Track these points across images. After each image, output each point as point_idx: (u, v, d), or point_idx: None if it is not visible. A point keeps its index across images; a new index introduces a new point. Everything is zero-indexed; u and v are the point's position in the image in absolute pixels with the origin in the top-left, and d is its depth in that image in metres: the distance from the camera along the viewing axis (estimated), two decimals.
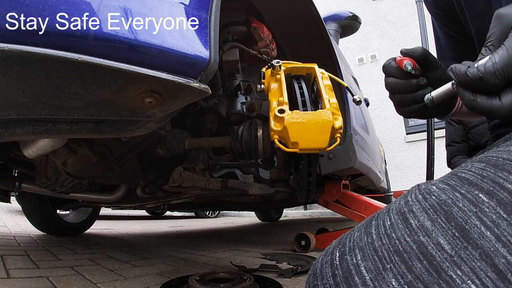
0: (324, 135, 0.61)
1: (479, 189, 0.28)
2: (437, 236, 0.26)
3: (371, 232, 0.30)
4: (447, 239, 0.25)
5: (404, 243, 0.26)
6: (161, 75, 0.46)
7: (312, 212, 5.65)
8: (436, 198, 0.29)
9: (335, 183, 1.79)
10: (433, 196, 0.29)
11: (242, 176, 1.12)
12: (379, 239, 0.28)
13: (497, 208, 0.26)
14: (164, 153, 0.93)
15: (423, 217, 0.27)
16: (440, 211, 0.27)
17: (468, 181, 0.29)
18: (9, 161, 1.18)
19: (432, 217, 0.27)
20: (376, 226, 0.30)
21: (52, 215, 1.89)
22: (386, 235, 0.28)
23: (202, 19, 0.53)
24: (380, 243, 0.28)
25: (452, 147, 2.31)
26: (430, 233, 0.26)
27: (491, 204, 0.26)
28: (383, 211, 0.32)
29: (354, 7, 5.36)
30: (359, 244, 0.29)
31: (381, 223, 0.30)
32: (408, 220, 0.28)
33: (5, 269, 1.02)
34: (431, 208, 0.28)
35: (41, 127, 0.57)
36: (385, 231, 0.29)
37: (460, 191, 0.28)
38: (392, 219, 0.29)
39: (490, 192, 0.27)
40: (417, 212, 0.28)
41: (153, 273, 1.12)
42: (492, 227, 0.25)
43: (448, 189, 0.29)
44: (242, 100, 0.90)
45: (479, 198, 0.27)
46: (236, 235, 2.76)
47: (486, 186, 0.28)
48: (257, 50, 0.98)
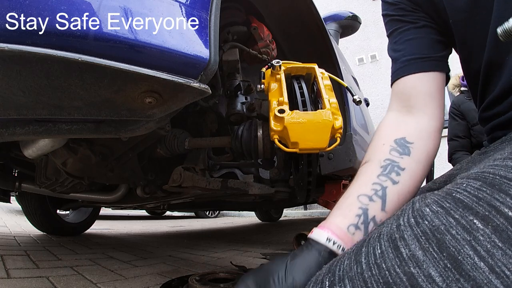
0: (324, 135, 0.61)
1: (474, 214, 0.26)
2: (428, 268, 0.25)
3: (361, 261, 0.29)
4: (438, 271, 0.24)
5: (394, 275, 0.26)
6: (161, 75, 0.46)
7: (312, 212, 5.65)
8: (428, 224, 0.27)
9: (335, 183, 1.79)
10: (426, 221, 0.28)
11: (242, 176, 1.12)
12: (369, 269, 0.27)
13: (492, 236, 0.25)
14: (164, 153, 0.93)
15: (414, 246, 0.26)
16: (432, 239, 0.26)
17: (463, 204, 0.28)
18: (9, 161, 1.18)
19: (424, 246, 0.26)
20: (366, 254, 0.29)
21: (52, 215, 1.89)
22: (376, 265, 0.27)
23: (202, 19, 0.53)
24: (369, 274, 0.27)
25: (454, 142, 2.29)
26: (421, 264, 0.25)
27: (486, 232, 0.25)
28: (373, 236, 0.31)
29: (354, 7, 5.36)
30: (348, 274, 0.29)
31: (371, 250, 0.29)
32: (399, 248, 0.27)
33: (5, 269, 1.02)
34: (423, 236, 0.27)
35: (41, 127, 0.57)
36: (375, 260, 0.28)
37: (454, 216, 0.27)
38: (383, 247, 0.28)
39: (486, 218, 0.26)
40: (408, 239, 0.27)
41: (153, 273, 1.12)
42: (486, 258, 0.24)
43: (442, 213, 0.28)
44: (242, 100, 0.90)
45: (474, 224, 0.26)
46: (236, 235, 2.76)
47: (482, 211, 0.26)
48: (257, 50, 0.98)
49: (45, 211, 1.84)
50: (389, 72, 0.59)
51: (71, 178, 0.98)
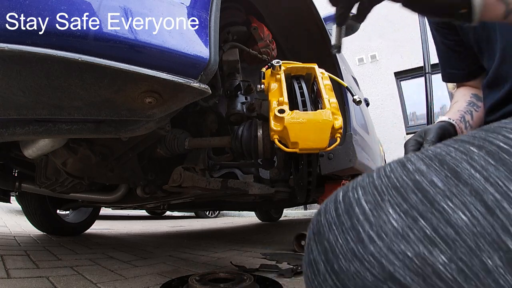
0: (324, 135, 0.61)
1: (470, 144, 0.31)
2: (431, 176, 0.29)
3: (373, 175, 0.33)
4: (440, 178, 0.28)
5: (401, 180, 0.30)
6: (161, 75, 0.46)
7: (312, 212, 5.65)
8: (432, 152, 0.32)
9: (335, 183, 1.79)
10: (430, 151, 0.33)
11: (242, 176, 1.12)
12: (379, 178, 0.32)
13: (485, 156, 0.29)
14: (164, 153, 0.93)
15: (419, 164, 0.31)
16: (434, 159, 0.31)
17: (461, 140, 0.32)
18: (9, 161, 1.18)
19: (427, 163, 0.30)
20: (377, 171, 0.34)
21: (52, 215, 1.89)
22: (386, 176, 0.32)
23: (202, 19, 0.53)
24: (380, 182, 0.31)
25: None
26: (425, 174, 0.29)
27: (481, 154, 0.29)
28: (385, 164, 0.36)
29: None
30: (360, 183, 0.33)
31: (382, 170, 0.33)
32: (406, 165, 0.31)
33: (5, 269, 1.02)
34: (427, 158, 0.31)
35: (41, 127, 0.57)
36: (385, 173, 0.32)
37: (453, 146, 0.32)
38: (392, 166, 0.33)
39: (480, 146, 0.30)
40: (414, 160, 0.32)
41: (153, 273, 1.12)
42: (481, 170, 0.27)
43: (442, 146, 0.33)
44: (242, 100, 0.90)
45: (470, 150, 0.30)
46: (236, 235, 2.76)
47: (477, 142, 0.31)
48: (257, 50, 0.98)
49: (45, 211, 1.84)
50: (389, 72, 0.61)
51: (71, 178, 0.98)
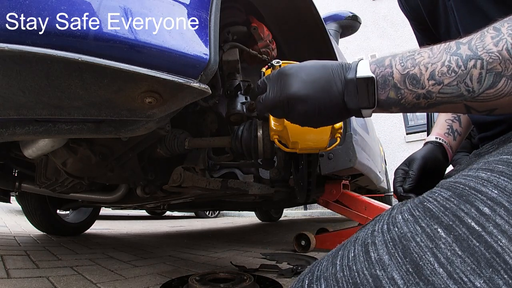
0: (324, 135, 0.61)
1: (439, 223, 0.28)
2: (392, 271, 0.27)
3: (336, 263, 0.32)
4: (400, 274, 0.27)
5: (362, 276, 0.28)
6: (161, 75, 0.46)
7: (312, 212, 5.65)
8: (398, 231, 0.30)
9: (335, 183, 1.79)
10: (396, 228, 0.30)
11: (242, 176, 1.12)
12: (341, 270, 0.30)
13: (453, 244, 0.26)
14: (164, 153, 0.93)
15: (382, 250, 0.29)
16: (398, 245, 0.29)
17: (430, 213, 0.30)
18: (9, 161, 1.18)
19: (391, 251, 0.29)
20: (341, 257, 0.32)
21: (52, 215, 1.89)
22: (348, 267, 0.30)
23: (202, 19, 0.53)
24: (341, 275, 0.30)
25: None
26: (386, 267, 0.28)
27: (448, 240, 0.27)
28: (351, 240, 0.34)
29: (354, 7, 5.36)
30: (324, 274, 0.32)
31: (346, 253, 0.32)
32: (369, 252, 0.30)
33: (5, 269, 1.02)
34: (391, 241, 0.29)
35: (41, 127, 0.57)
36: (348, 262, 0.31)
37: (421, 224, 0.29)
38: (356, 251, 0.31)
39: (449, 227, 0.28)
40: (378, 244, 0.30)
41: (153, 273, 1.12)
42: (446, 264, 0.25)
43: (411, 221, 0.30)
44: (242, 100, 0.90)
45: (437, 233, 0.28)
46: (236, 235, 2.76)
47: (446, 220, 0.28)
48: (257, 50, 0.98)
49: (45, 211, 1.84)
50: None
51: (71, 178, 0.98)
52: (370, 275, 0.28)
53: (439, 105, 0.39)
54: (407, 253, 0.27)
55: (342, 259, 0.32)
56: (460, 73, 0.36)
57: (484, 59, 0.35)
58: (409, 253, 0.27)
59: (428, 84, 0.39)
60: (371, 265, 0.28)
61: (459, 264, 0.25)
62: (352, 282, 0.28)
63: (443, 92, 0.38)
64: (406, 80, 0.40)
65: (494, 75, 0.35)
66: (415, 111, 0.44)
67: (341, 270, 0.30)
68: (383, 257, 0.28)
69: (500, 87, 0.35)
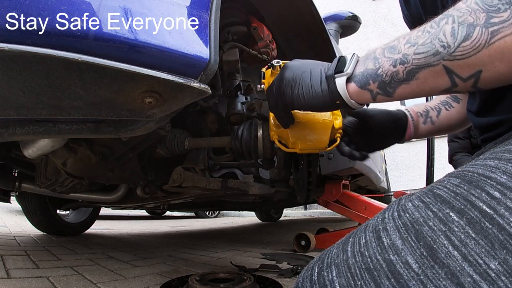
0: (324, 135, 0.61)
1: (450, 208, 0.28)
2: (406, 255, 0.27)
3: (347, 249, 0.31)
4: (415, 258, 0.26)
5: (375, 261, 0.28)
6: (161, 75, 0.46)
7: (312, 212, 5.65)
8: (409, 216, 0.30)
9: (335, 183, 1.79)
10: (407, 214, 0.30)
11: (242, 176, 1.12)
12: (353, 256, 0.30)
13: (466, 227, 0.26)
14: (164, 153, 0.93)
15: (395, 236, 0.29)
16: (411, 230, 0.28)
17: (441, 198, 0.30)
18: (9, 161, 1.18)
19: (403, 236, 0.28)
20: (352, 244, 0.32)
21: (52, 215, 1.89)
22: (360, 253, 0.30)
23: (202, 19, 0.53)
24: (353, 261, 0.30)
25: (454, 143, 2.29)
26: (400, 252, 0.27)
27: (461, 223, 0.27)
28: (361, 228, 0.34)
29: (354, 7, 5.36)
30: (335, 261, 0.31)
31: (357, 240, 0.32)
32: (381, 238, 0.30)
33: (5, 269, 1.02)
34: (404, 227, 0.29)
35: (41, 127, 0.57)
36: (359, 248, 0.30)
37: (432, 209, 0.29)
38: (367, 237, 0.31)
39: (461, 211, 0.27)
40: (390, 230, 0.30)
41: (153, 273, 1.12)
42: (460, 247, 0.25)
43: (422, 207, 0.30)
44: (242, 100, 0.90)
45: (450, 217, 0.28)
46: (236, 235, 2.76)
47: (458, 205, 0.28)
48: (257, 50, 0.98)
49: (45, 211, 1.84)
50: None
51: (71, 178, 0.98)
52: (383, 260, 0.28)
53: (417, 71, 0.38)
54: (420, 237, 0.27)
55: (354, 246, 0.31)
56: (433, 31, 0.36)
57: (455, 14, 0.35)
58: (423, 237, 0.27)
59: (404, 48, 0.39)
60: (384, 250, 0.28)
61: (473, 246, 0.25)
62: (365, 268, 0.28)
63: (418, 52, 0.37)
64: (385, 50, 0.41)
65: (467, 26, 0.33)
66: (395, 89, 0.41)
67: (352, 257, 0.30)
68: (396, 242, 0.28)
69: (475, 37, 0.33)
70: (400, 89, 0.40)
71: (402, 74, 0.39)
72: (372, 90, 0.43)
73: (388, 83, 0.41)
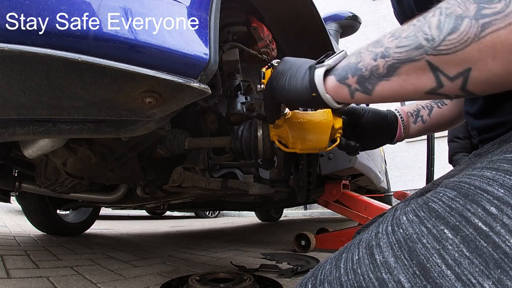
0: (324, 135, 0.61)
1: (445, 224, 0.27)
2: (398, 274, 0.26)
3: (340, 266, 0.31)
4: (407, 277, 0.26)
5: (367, 280, 0.27)
6: (161, 75, 0.46)
7: (312, 212, 5.65)
8: (403, 232, 0.29)
9: (335, 183, 1.79)
10: (401, 230, 0.29)
11: (242, 176, 1.12)
12: (346, 274, 0.29)
13: (460, 245, 0.26)
14: (164, 153, 0.93)
15: (388, 253, 0.28)
16: (404, 247, 0.28)
17: (436, 213, 0.29)
18: (9, 161, 1.18)
19: (396, 253, 0.28)
20: (345, 260, 0.31)
21: (52, 215, 1.89)
22: (352, 270, 0.29)
23: (202, 19, 0.53)
24: (346, 278, 0.29)
25: (454, 143, 2.29)
26: (392, 270, 0.27)
27: (455, 241, 0.26)
28: (354, 243, 0.33)
29: (354, 7, 5.36)
30: (328, 278, 0.31)
31: (350, 256, 0.31)
32: (374, 255, 0.29)
33: (5, 269, 1.02)
34: (397, 243, 0.28)
35: (41, 127, 0.57)
36: (352, 265, 0.30)
37: (426, 225, 0.28)
38: (360, 253, 0.30)
39: (456, 228, 0.27)
40: (383, 247, 0.29)
41: (153, 273, 1.12)
42: (453, 266, 0.25)
43: (416, 222, 0.29)
44: (242, 100, 0.90)
45: (444, 234, 0.27)
46: (236, 235, 2.76)
47: (453, 221, 0.27)
48: (257, 50, 0.98)
49: (45, 211, 1.84)
50: None
51: (71, 178, 0.98)
52: (375, 278, 0.27)
53: (398, 66, 0.35)
54: (413, 255, 0.27)
55: (346, 262, 0.31)
56: (418, 24, 0.33)
57: (443, 6, 0.32)
58: (416, 255, 0.27)
59: (387, 41, 0.36)
60: (376, 268, 0.28)
61: (467, 265, 0.24)
62: (357, 286, 0.28)
63: (400, 46, 0.34)
64: (370, 45, 0.40)
65: (455, 18, 0.30)
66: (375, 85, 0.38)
67: (345, 274, 0.29)
68: (388, 259, 0.28)
69: (463, 30, 0.29)
70: (379, 87, 0.38)
71: (382, 68, 0.36)
72: (350, 85, 0.41)
73: (368, 78, 0.38)
